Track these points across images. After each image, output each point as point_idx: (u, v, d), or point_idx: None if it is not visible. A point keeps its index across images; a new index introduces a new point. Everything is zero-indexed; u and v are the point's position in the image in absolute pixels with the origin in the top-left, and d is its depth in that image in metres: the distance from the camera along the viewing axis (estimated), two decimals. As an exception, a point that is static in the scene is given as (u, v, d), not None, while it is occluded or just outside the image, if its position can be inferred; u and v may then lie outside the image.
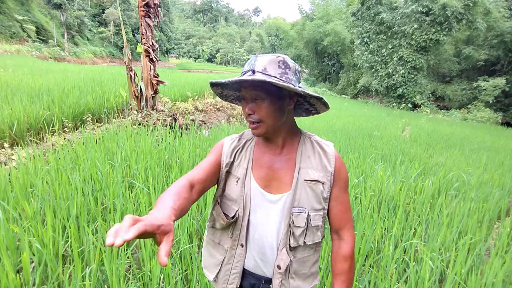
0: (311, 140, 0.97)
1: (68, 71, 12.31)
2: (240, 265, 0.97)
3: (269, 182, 0.93)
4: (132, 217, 0.53)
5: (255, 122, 0.87)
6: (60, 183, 2.45)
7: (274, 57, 0.85)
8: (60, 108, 4.92)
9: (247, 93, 0.86)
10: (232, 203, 0.95)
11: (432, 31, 20.22)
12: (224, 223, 0.95)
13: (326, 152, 0.94)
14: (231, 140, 1.00)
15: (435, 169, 4.52)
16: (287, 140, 0.95)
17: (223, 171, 0.97)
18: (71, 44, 36.52)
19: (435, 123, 12.69)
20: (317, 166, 0.92)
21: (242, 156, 0.97)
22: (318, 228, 0.94)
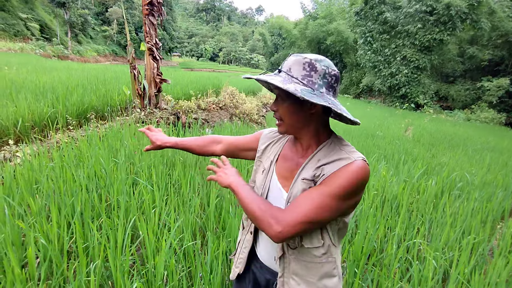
0: (338, 147, 0.89)
1: (72, 69, 12.36)
2: (246, 252, 1.03)
3: (285, 179, 0.95)
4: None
5: (278, 120, 0.92)
6: (64, 179, 2.47)
7: (301, 57, 0.84)
8: (64, 106, 4.94)
9: (275, 92, 0.91)
10: (256, 189, 1.02)
11: (436, 30, 20.13)
12: None
13: (341, 160, 0.84)
14: (269, 131, 1.09)
15: (438, 169, 4.51)
16: (312, 144, 0.93)
17: (256, 157, 1.08)
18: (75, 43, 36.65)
19: (438, 123, 12.64)
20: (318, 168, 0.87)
21: (273, 149, 1.03)
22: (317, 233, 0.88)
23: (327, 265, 0.92)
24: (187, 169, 3.03)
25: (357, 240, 2.09)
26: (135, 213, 2.15)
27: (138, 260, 1.87)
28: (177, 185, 2.82)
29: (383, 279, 1.82)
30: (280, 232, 0.80)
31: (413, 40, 21.31)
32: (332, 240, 0.91)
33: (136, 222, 2.08)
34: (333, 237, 0.91)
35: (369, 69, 24.94)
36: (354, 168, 0.82)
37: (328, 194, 0.81)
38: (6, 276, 1.56)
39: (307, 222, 0.81)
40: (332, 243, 0.91)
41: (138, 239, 2.07)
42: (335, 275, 0.93)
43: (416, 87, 21.99)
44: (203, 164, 3.20)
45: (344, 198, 0.82)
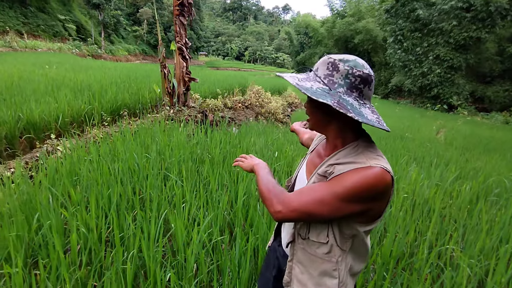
0: (360, 151, 0.87)
1: (105, 67, 12.94)
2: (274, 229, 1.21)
3: (310, 172, 1.01)
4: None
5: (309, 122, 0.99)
6: (101, 172, 2.61)
7: (327, 57, 0.87)
8: (100, 103, 5.20)
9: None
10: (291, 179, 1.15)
11: (472, 28, 19.07)
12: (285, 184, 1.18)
13: (355, 163, 0.84)
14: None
15: (473, 173, 4.30)
16: (337, 144, 0.93)
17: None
18: (107, 42, 38.30)
19: (473, 126, 12.01)
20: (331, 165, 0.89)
21: (313, 144, 1.13)
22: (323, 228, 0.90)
23: (328, 264, 0.91)
24: (215, 166, 3.09)
25: (386, 243, 2.05)
26: (166, 207, 2.24)
27: (170, 252, 1.94)
28: (206, 181, 2.90)
29: (413, 284, 1.78)
30: (279, 212, 0.85)
31: (447, 38, 20.31)
32: (338, 242, 0.89)
33: (167, 215, 2.16)
34: (339, 239, 0.89)
35: (399, 68, 24.08)
36: (366, 173, 0.80)
37: (331, 191, 0.82)
38: (51, 260, 1.68)
39: (305, 212, 0.84)
40: (337, 244, 0.89)
41: (169, 232, 2.15)
42: (335, 276, 0.91)
43: (449, 88, 20.96)
44: (230, 162, 3.26)
45: (347, 200, 0.80)
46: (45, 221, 1.90)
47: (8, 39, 21.54)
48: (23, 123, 4.02)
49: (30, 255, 1.86)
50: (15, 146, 3.83)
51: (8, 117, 3.91)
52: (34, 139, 4.02)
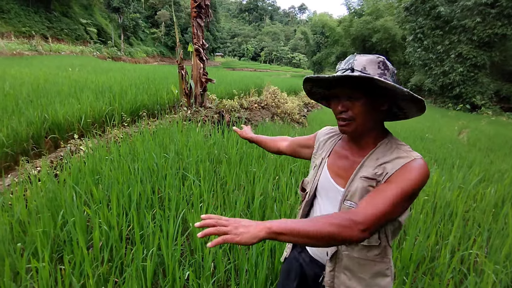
0: (395, 146, 0.91)
1: (125, 69, 13.28)
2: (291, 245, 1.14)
3: (339, 176, 0.98)
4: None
5: (346, 120, 0.90)
6: (122, 172, 2.68)
7: (375, 57, 0.87)
8: (120, 104, 5.35)
9: (341, 91, 0.90)
10: (307, 184, 1.10)
11: (498, 24, 18.31)
12: (300, 189, 1.14)
13: (400, 158, 0.86)
14: (325, 130, 1.15)
15: (498, 176, 4.13)
16: (370, 142, 0.94)
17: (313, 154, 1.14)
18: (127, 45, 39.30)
19: (498, 126, 11.53)
20: (379, 165, 0.88)
21: (325, 147, 1.09)
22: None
23: (381, 264, 0.92)
24: (232, 166, 3.12)
25: (406, 247, 2.00)
26: (184, 206, 2.27)
27: (188, 250, 1.98)
28: (223, 182, 2.92)
29: (434, 289, 1.73)
30: (364, 231, 0.75)
31: (470, 36, 19.59)
32: (389, 241, 0.92)
33: (185, 214, 2.20)
34: (389, 237, 0.92)
35: (419, 67, 23.44)
36: (418, 166, 0.84)
37: (400, 191, 0.80)
38: (75, 256, 1.75)
39: (384, 218, 0.79)
40: (388, 243, 0.92)
41: (187, 230, 2.19)
42: (388, 275, 0.94)
43: (472, 87, 20.21)
44: (247, 162, 3.27)
45: (412, 196, 0.83)
46: (70, 218, 1.98)
47: (34, 43, 22.49)
48: (48, 123, 4.18)
49: (56, 251, 1.94)
50: (41, 145, 4.00)
51: (35, 118, 4.09)
52: (59, 139, 4.18)
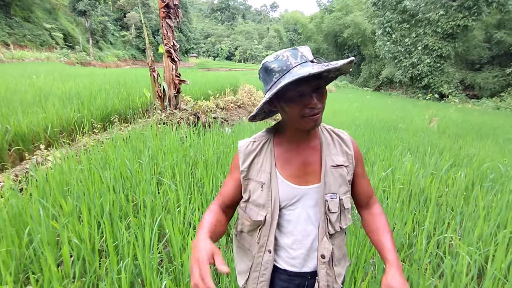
0: (327, 129, 1.01)
1: (94, 74, 12.80)
2: (268, 273, 0.95)
3: (303, 177, 0.93)
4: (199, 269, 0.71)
5: (319, 112, 0.84)
6: (92, 181, 2.56)
7: (306, 46, 0.86)
8: (89, 110, 5.12)
9: (308, 86, 0.80)
10: (259, 209, 0.94)
11: (459, 16, 19.22)
12: (249, 223, 0.96)
13: (343, 139, 0.99)
14: (245, 144, 0.97)
15: (467, 160, 4.31)
16: (314, 133, 0.97)
17: (241, 178, 0.96)
18: (96, 49, 37.95)
19: (464, 113, 12.11)
20: (338, 151, 0.97)
21: (262, 160, 0.95)
22: (349, 211, 0.98)
23: (345, 237, 1.04)
24: (209, 167, 3.06)
25: (384, 236, 2.03)
26: (160, 212, 2.20)
27: (165, 258, 1.91)
28: (200, 184, 2.86)
29: (413, 275, 1.76)
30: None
31: (435, 28, 20.45)
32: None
33: (162, 221, 2.12)
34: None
35: (389, 60, 24.22)
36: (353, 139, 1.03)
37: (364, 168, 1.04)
38: (44, 274, 1.64)
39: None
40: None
41: (164, 237, 2.11)
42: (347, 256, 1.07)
43: (439, 77, 21.13)
44: (224, 163, 3.22)
45: None
46: (36, 234, 1.85)
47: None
48: (11, 135, 3.93)
49: (22, 270, 1.81)
50: (4, 159, 3.75)
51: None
52: (24, 150, 3.94)
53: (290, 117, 0.86)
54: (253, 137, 0.99)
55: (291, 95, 0.82)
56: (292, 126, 0.91)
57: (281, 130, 0.97)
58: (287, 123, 0.92)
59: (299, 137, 0.94)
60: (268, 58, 0.85)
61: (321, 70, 0.76)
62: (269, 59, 0.84)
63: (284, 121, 0.95)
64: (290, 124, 0.91)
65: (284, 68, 0.81)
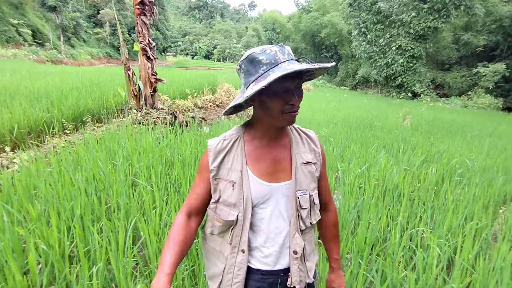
0: (295, 127, 1.03)
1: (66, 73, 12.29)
2: (242, 273, 0.94)
3: (274, 174, 0.94)
4: None
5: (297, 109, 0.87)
6: (63, 184, 2.45)
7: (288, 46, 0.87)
8: (60, 110, 4.91)
9: (292, 83, 0.83)
10: (230, 209, 0.92)
11: (430, 18, 20.01)
12: (220, 224, 0.94)
13: (311, 137, 1.03)
14: (215, 143, 0.95)
15: (438, 156, 4.50)
16: (284, 131, 0.98)
17: (211, 178, 0.94)
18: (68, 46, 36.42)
19: (435, 111, 12.64)
20: (306, 149, 1.00)
21: (233, 159, 0.93)
22: (317, 206, 1.01)
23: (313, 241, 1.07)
24: (186, 167, 3.01)
25: (360, 231, 2.08)
26: (135, 214, 2.13)
27: (140, 262, 1.85)
28: (177, 184, 2.81)
29: (387, 269, 1.81)
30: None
31: (407, 29, 21.18)
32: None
33: (137, 223, 2.06)
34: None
35: (365, 60, 24.83)
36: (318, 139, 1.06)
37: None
38: (8, 283, 1.55)
39: None
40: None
41: (139, 240, 2.05)
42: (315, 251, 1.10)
43: (412, 76, 21.92)
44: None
45: None
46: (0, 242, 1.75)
47: (-46, 47, 19.86)
48: (-28, 137, 3.70)
49: (-16, 281, 1.70)
50: (-35, 162, 3.51)
51: (-45, 132, 3.58)
52: (-13, 153, 3.71)
53: (270, 113, 0.86)
54: (222, 135, 0.97)
55: (276, 90, 0.82)
56: (268, 123, 0.90)
57: (252, 127, 0.96)
58: (263, 119, 0.91)
59: (271, 135, 0.94)
60: (254, 50, 0.84)
61: (311, 67, 0.78)
62: (255, 51, 0.83)
63: (258, 118, 0.93)
64: (266, 120, 0.89)
65: (272, 61, 0.81)
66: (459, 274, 1.76)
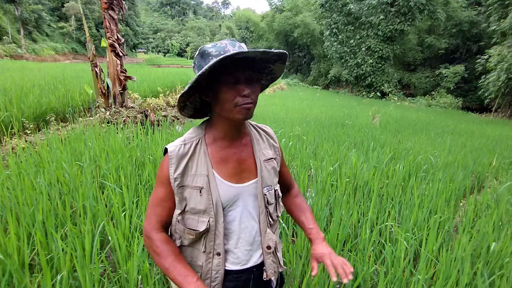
0: (252, 124, 1.04)
1: (27, 69, 11.55)
2: (221, 275, 0.92)
3: (239, 175, 0.93)
4: None
5: (251, 103, 0.83)
6: (22, 188, 2.29)
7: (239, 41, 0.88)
8: (19, 109, 4.59)
9: (242, 74, 0.82)
10: (199, 216, 0.89)
11: (397, 21, 20.91)
12: (194, 237, 0.89)
13: (269, 133, 1.05)
14: (176, 148, 0.88)
15: (405, 153, 4.71)
16: (244, 130, 0.97)
17: (174, 187, 0.87)
18: (29, 41, 34.25)
19: (402, 110, 13.22)
20: (267, 146, 1.02)
21: (197, 164, 0.89)
22: (281, 198, 1.06)
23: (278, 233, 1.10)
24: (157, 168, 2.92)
25: (332, 228, 2.12)
26: (103, 218, 2.04)
27: (109, 267, 1.77)
28: (148, 185, 2.72)
29: (358, 263, 1.86)
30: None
31: (376, 31, 22.01)
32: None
33: (105, 227, 1.97)
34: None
35: (336, 60, 25.49)
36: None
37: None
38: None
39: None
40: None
41: (108, 245, 1.97)
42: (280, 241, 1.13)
43: (380, 76, 22.81)
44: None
45: None
46: None
47: None
48: None
49: None
50: None
51: None
52: None
53: (224, 107, 0.83)
54: (181, 139, 0.91)
55: (226, 79, 0.81)
56: (225, 119, 0.87)
57: (212, 127, 0.93)
58: (220, 116, 0.88)
59: (232, 134, 0.92)
60: (206, 45, 0.84)
61: (250, 51, 0.76)
62: (207, 46, 0.84)
63: (215, 115, 0.90)
64: (222, 115, 0.86)
65: (221, 53, 0.79)
66: (425, 266, 1.85)
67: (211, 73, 0.81)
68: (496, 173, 4.51)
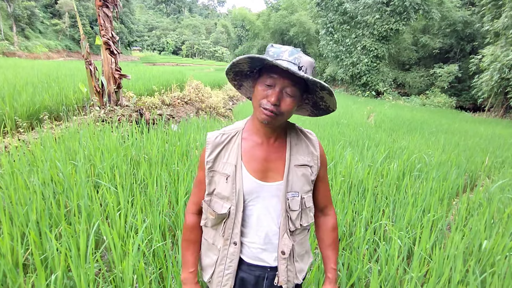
0: (295, 128, 1.03)
1: (19, 66, 11.41)
2: (234, 265, 0.98)
3: (265, 173, 0.96)
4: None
5: (274, 113, 0.86)
6: (16, 187, 2.27)
7: (312, 61, 0.90)
8: (12, 107, 4.54)
9: (279, 82, 0.85)
10: (223, 201, 0.96)
11: (392, 21, 21.01)
12: (213, 217, 0.97)
13: (311, 139, 1.02)
14: (214, 136, 0.99)
15: (399, 152, 4.75)
16: (282, 132, 0.99)
17: (206, 169, 0.97)
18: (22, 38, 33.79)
19: (397, 109, 13.31)
20: (304, 151, 1.00)
21: (229, 153, 0.97)
22: (311, 209, 1.02)
23: (308, 234, 1.08)
24: (153, 167, 2.91)
25: (327, 227, 2.13)
26: (98, 217, 2.03)
27: (104, 267, 1.77)
28: (143, 185, 2.71)
29: (353, 262, 1.88)
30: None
31: (371, 30, 22.09)
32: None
33: (100, 226, 1.96)
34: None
35: (332, 59, 25.54)
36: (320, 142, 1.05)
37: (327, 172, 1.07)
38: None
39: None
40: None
41: (103, 244, 1.96)
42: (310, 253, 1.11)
43: (376, 75, 22.92)
44: (169, 161, 3.10)
45: None
46: None
47: None
48: None
49: None
50: None
51: None
52: None
53: (253, 100, 0.90)
54: (222, 129, 1.01)
55: (263, 79, 0.87)
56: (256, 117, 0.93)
57: (250, 123, 0.99)
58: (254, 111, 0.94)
59: (265, 131, 0.96)
60: (276, 44, 0.90)
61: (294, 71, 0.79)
62: (274, 45, 0.90)
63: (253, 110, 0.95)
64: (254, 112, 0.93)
65: (275, 56, 0.86)
66: (418, 264, 1.87)
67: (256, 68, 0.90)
68: (489, 172, 4.58)
